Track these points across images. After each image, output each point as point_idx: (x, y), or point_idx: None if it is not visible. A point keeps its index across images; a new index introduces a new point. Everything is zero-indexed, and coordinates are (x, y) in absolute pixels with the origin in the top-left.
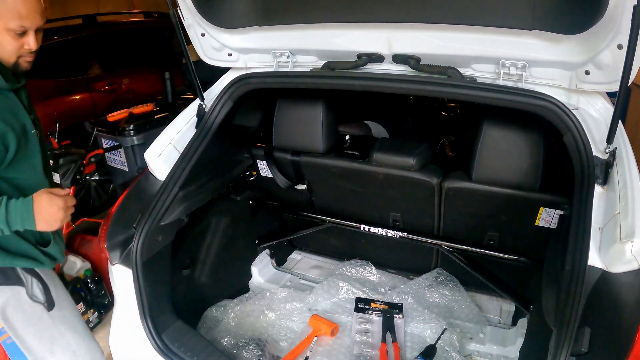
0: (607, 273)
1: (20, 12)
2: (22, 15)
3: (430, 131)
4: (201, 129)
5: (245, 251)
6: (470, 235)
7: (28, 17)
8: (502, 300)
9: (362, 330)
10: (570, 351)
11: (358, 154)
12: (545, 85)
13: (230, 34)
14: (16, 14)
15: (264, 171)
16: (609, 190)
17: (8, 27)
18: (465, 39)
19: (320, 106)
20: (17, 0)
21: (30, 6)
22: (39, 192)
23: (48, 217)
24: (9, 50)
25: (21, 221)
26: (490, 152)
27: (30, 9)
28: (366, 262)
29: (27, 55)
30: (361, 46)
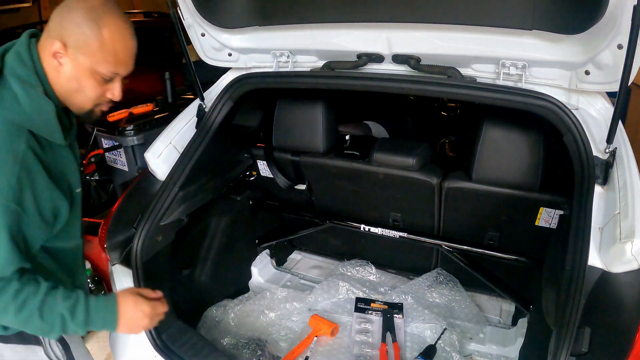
0: (607, 273)
1: (117, 56)
2: (118, 60)
3: (430, 131)
4: (201, 129)
5: (245, 251)
6: (470, 235)
7: (124, 63)
8: (502, 300)
9: (362, 330)
10: (570, 351)
11: (358, 154)
12: (545, 85)
13: (230, 34)
14: (112, 58)
15: (264, 171)
16: (609, 190)
17: (96, 71)
18: (465, 39)
19: (320, 106)
20: (116, 42)
21: (128, 51)
22: (124, 293)
23: (131, 323)
24: (89, 96)
25: (102, 323)
26: (490, 152)
27: (127, 54)
28: (366, 262)
29: (105, 104)
30: (361, 46)
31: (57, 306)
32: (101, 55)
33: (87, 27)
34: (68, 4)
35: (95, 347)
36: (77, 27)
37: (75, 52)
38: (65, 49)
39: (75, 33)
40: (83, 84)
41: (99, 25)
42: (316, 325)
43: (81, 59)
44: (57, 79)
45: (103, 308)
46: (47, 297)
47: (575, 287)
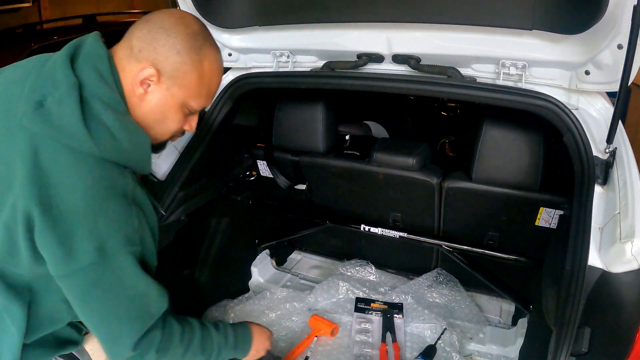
0: (607, 273)
1: (210, 90)
2: (209, 94)
3: (430, 131)
4: (201, 129)
5: (245, 251)
6: (470, 235)
7: (212, 97)
8: (502, 300)
9: (362, 330)
10: (570, 351)
11: (358, 154)
12: (545, 85)
13: (230, 34)
14: (205, 92)
15: (264, 171)
16: (609, 190)
17: (187, 104)
18: (465, 39)
19: (320, 106)
20: (213, 76)
21: (218, 85)
22: (251, 324)
23: (260, 347)
24: (170, 129)
25: (242, 352)
26: (490, 152)
27: (217, 89)
28: (366, 262)
29: (179, 135)
30: (361, 46)
31: (213, 337)
32: (197, 89)
33: (189, 57)
34: (163, 25)
35: (95, 346)
36: (178, 56)
37: (171, 82)
38: (158, 77)
39: (174, 62)
40: (169, 116)
41: (201, 56)
42: (316, 325)
43: (175, 90)
44: (138, 107)
45: (242, 336)
46: (203, 331)
47: (575, 287)
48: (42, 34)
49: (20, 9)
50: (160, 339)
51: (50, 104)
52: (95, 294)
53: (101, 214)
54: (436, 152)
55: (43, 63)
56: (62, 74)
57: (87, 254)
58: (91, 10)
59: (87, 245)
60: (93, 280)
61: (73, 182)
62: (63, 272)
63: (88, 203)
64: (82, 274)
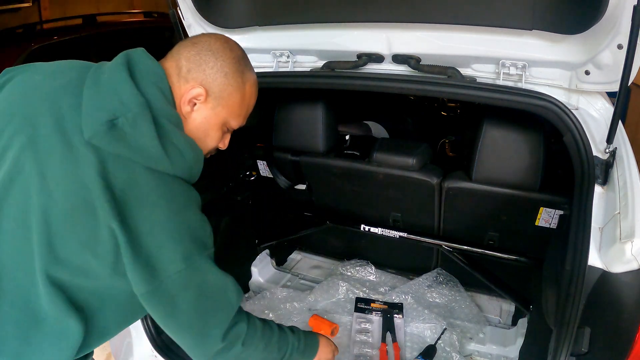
0: (607, 273)
1: (248, 111)
2: (247, 114)
3: (430, 131)
4: None
5: (245, 251)
6: (470, 235)
7: (246, 117)
8: (502, 300)
9: (362, 330)
10: (570, 351)
11: (358, 154)
12: (545, 85)
13: (230, 34)
14: (245, 112)
15: (264, 171)
16: (609, 190)
17: (228, 123)
18: (465, 39)
19: (320, 106)
20: (252, 97)
21: (252, 107)
22: (319, 334)
23: (323, 358)
24: (210, 145)
25: (309, 357)
26: (490, 152)
27: (251, 110)
28: (366, 262)
29: (213, 152)
30: (361, 46)
31: (288, 338)
32: (238, 109)
33: (234, 79)
34: (211, 48)
35: None
36: (225, 78)
37: (216, 102)
38: (206, 97)
39: (221, 83)
40: (211, 134)
41: (244, 79)
42: (316, 325)
43: (219, 110)
44: (184, 124)
45: (311, 343)
46: (281, 331)
47: (575, 287)
48: (42, 34)
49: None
50: (246, 332)
51: (123, 124)
52: (185, 297)
53: (183, 226)
54: (436, 152)
55: (95, 75)
56: (129, 93)
57: (175, 264)
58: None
59: (173, 256)
60: (182, 284)
61: (153, 200)
62: (149, 288)
63: (170, 218)
64: (171, 282)
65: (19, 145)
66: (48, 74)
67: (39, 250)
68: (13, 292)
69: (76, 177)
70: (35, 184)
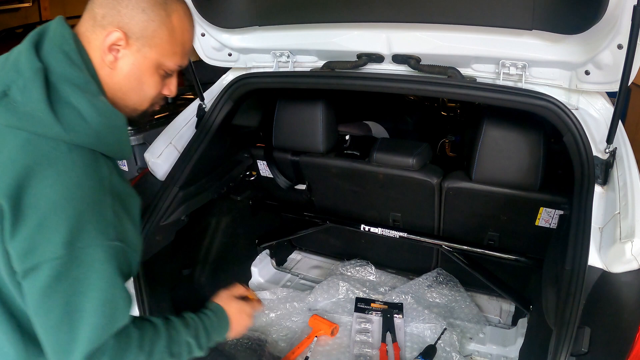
0: (607, 273)
1: (184, 47)
2: (185, 51)
3: (430, 131)
4: (201, 129)
5: (245, 251)
6: (470, 235)
7: (187, 54)
8: (502, 300)
9: (362, 330)
10: (570, 351)
11: (358, 154)
12: (545, 85)
13: (230, 34)
14: (180, 49)
15: (264, 171)
16: (609, 190)
17: (162, 65)
18: (465, 39)
19: (320, 106)
20: (185, 31)
21: (192, 41)
22: (226, 300)
23: (238, 328)
24: (149, 95)
25: (219, 337)
26: (490, 152)
27: (191, 45)
28: (366, 262)
29: (160, 102)
30: (361, 46)
31: (181, 337)
32: (170, 46)
33: (155, 13)
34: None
35: None
36: (143, 14)
37: (140, 43)
38: (126, 40)
39: (140, 20)
40: (145, 80)
41: (168, 11)
42: (316, 325)
43: (147, 51)
44: (111, 77)
45: (217, 324)
46: (170, 332)
47: (575, 287)
48: None
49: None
50: (113, 348)
51: (14, 93)
52: (58, 290)
53: (72, 203)
54: (436, 152)
55: (8, 55)
56: (25, 61)
57: (54, 246)
58: None
59: (54, 236)
60: (58, 274)
61: (42, 171)
62: (26, 267)
63: (58, 192)
64: (47, 267)
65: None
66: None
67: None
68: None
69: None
70: None
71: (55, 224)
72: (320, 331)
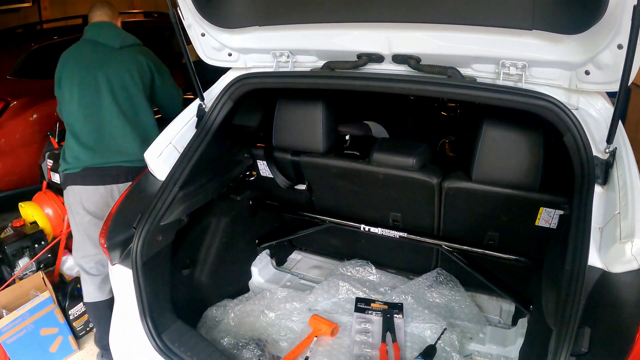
0: (607, 273)
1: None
2: None
3: (430, 131)
4: (201, 129)
5: (245, 251)
6: (470, 235)
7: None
8: (502, 300)
9: (362, 330)
10: (570, 351)
11: (358, 154)
12: (545, 85)
13: (230, 34)
14: None
15: (264, 171)
16: (609, 190)
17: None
18: (465, 39)
19: (320, 106)
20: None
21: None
22: None
23: None
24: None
25: None
26: (490, 152)
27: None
28: (366, 262)
29: None
30: (361, 46)
31: None
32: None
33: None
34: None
35: (95, 347)
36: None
37: None
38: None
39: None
40: None
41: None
42: (316, 325)
43: None
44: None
45: None
46: None
47: (575, 287)
48: (42, 34)
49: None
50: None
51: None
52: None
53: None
54: (436, 152)
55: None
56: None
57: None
58: None
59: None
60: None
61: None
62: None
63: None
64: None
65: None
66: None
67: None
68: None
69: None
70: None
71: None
72: (320, 331)
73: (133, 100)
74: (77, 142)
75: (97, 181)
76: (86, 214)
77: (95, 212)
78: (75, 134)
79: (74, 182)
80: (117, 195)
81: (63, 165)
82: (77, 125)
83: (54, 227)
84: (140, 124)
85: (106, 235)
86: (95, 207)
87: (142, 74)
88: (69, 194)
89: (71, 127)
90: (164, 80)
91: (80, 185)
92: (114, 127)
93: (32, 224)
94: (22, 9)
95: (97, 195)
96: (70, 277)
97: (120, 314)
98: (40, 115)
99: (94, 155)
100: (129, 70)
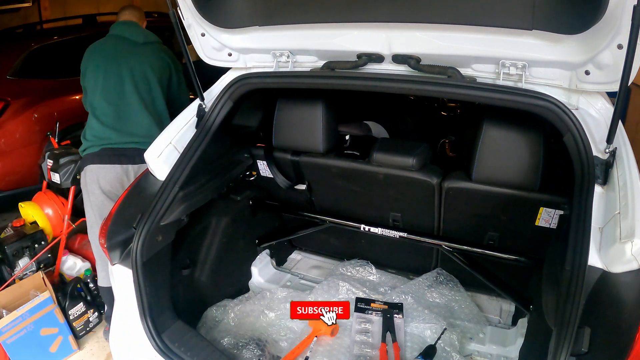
0: (607, 273)
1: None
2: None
3: (430, 131)
4: (201, 129)
5: (245, 251)
6: (470, 235)
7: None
8: (502, 300)
9: (362, 330)
10: (570, 351)
11: (358, 154)
12: (545, 85)
13: (230, 34)
14: None
15: (264, 171)
16: (609, 190)
17: None
18: (465, 39)
19: (320, 106)
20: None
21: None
22: None
23: None
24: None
25: None
26: (490, 152)
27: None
28: (366, 262)
29: None
30: (361, 46)
31: None
32: None
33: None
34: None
35: (95, 347)
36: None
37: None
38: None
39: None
40: None
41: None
42: (316, 325)
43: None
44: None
45: None
46: None
47: (575, 287)
48: (42, 34)
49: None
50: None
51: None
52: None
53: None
54: (436, 152)
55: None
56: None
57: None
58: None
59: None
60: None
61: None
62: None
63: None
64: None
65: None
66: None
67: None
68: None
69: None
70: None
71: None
72: (320, 331)
73: (151, 90)
74: (98, 122)
75: (114, 160)
76: (101, 193)
77: (109, 192)
78: (96, 115)
79: (92, 161)
80: (132, 175)
81: (84, 144)
82: (99, 108)
83: (54, 227)
84: (156, 111)
85: (106, 235)
86: (110, 185)
87: (162, 69)
88: (87, 174)
89: (93, 110)
90: (179, 78)
91: (98, 164)
92: (132, 111)
93: (32, 224)
94: (22, 9)
95: (113, 173)
96: (70, 277)
97: (120, 314)
98: (40, 115)
99: (112, 134)
100: (150, 63)
